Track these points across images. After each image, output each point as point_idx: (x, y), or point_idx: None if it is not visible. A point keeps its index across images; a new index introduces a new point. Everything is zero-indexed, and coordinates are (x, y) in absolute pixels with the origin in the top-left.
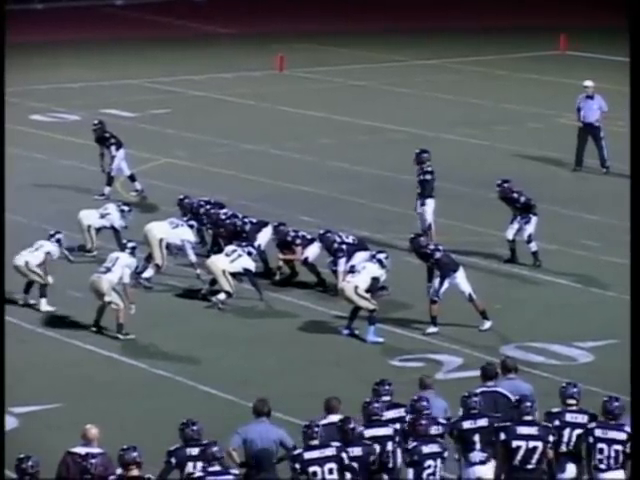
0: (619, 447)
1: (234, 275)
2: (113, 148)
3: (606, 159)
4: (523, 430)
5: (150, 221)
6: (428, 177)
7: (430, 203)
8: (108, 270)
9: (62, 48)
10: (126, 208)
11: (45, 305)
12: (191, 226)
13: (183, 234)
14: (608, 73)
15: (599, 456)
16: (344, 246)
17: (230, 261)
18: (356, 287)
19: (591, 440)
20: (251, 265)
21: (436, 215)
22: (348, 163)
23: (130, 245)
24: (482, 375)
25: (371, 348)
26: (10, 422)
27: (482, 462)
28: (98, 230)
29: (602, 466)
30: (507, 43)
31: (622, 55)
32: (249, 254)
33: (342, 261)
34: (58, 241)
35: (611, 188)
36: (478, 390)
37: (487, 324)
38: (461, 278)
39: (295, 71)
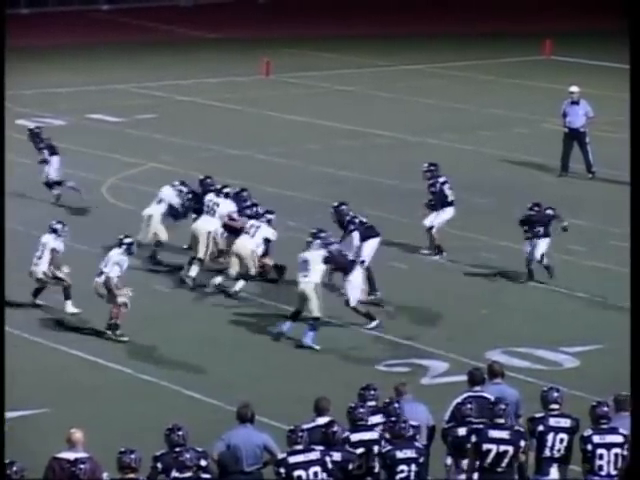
0: (618, 450)
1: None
2: (46, 153)
3: (592, 164)
4: (494, 434)
5: (134, 224)
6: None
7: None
8: (102, 273)
9: (48, 53)
10: (184, 189)
11: (70, 307)
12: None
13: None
14: (593, 78)
15: (599, 462)
16: (356, 220)
17: (251, 236)
18: (316, 285)
19: (590, 447)
20: (270, 233)
21: (421, 220)
22: (333, 168)
23: (127, 241)
24: (469, 380)
25: (357, 353)
26: None
27: (473, 470)
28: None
29: (602, 472)
30: (492, 48)
31: (607, 60)
32: (268, 222)
33: (356, 234)
34: (55, 231)
35: (596, 193)
36: (464, 395)
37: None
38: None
39: (281, 76)
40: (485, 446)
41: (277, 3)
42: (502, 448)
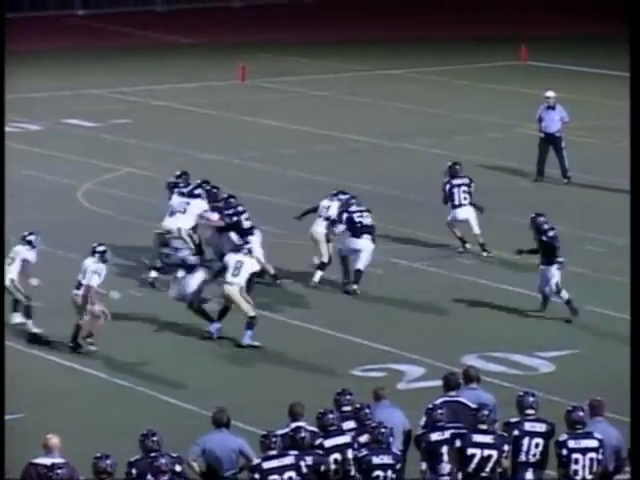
0: (593, 455)
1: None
2: None
3: (567, 169)
4: (478, 438)
5: (111, 231)
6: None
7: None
8: (80, 285)
9: (23, 58)
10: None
11: (18, 317)
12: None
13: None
14: (569, 83)
15: (574, 467)
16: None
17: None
18: (241, 289)
19: (565, 452)
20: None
21: (399, 225)
22: (309, 173)
23: (100, 249)
24: (444, 385)
25: (332, 358)
26: None
27: (449, 474)
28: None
29: (577, 477)
30: (468, 53)
31: (583, 65)
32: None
33: (341, 227)
34: (29, 242)
35: (572, 198)
36: (440, 400)
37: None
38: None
39: (257, 81)
40: (469, 450)
41: (253, 8)
42: (486, 452)
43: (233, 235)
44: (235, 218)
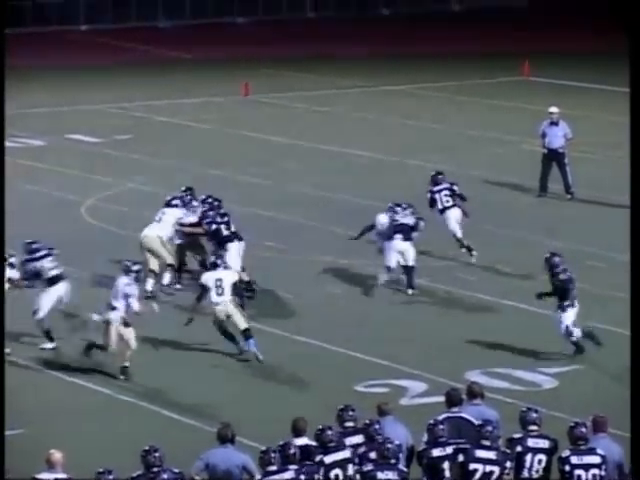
0: (596, 471)
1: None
2: None
3: (570, 185)
4: (481, 454)
5: (114, 246)
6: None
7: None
8: (114, 308)
9: (26, 73)
10: (195, 203)
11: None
12: None
13: None
14: (571, 99)
15: None
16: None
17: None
18: (231, 300)
19: (568, 468)
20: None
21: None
22: (312, 188)
23: (134, 268)
24: (447, 401)
25: (335, 374)
26: None
27: None
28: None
29: None
30: (471, 69)
31: (586, 81)
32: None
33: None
34: (11, 265)
35: (575, 214)
36: (442, 416)
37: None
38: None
39: (260, 96)
40: (472, 466)
41: (256, 24)
42: (488, 468)
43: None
44: (214, 226)
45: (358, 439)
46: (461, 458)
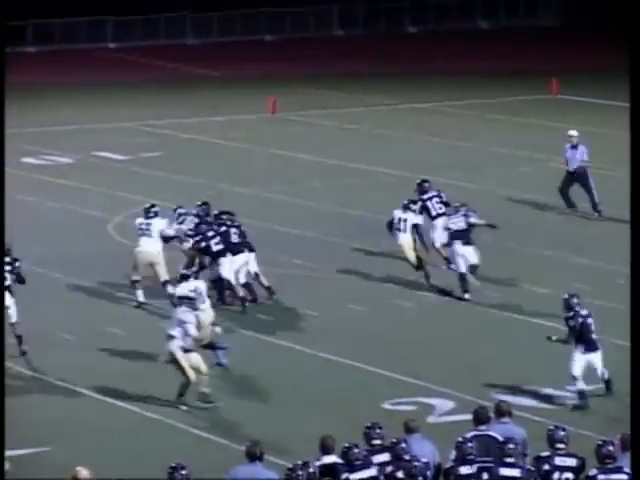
0: None
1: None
2: None
3: (597, 203)
4: (505, 472)
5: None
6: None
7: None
8: (172, 337)
9: (55, 90)
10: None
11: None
12: None
13: None
14: (599, 117)
15: None
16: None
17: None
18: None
19: None
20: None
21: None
22: (339, 206)
23: (191, 295)
24: (474, 419)
25: (363, 391)
26: None
27: None
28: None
29: None
30: (499, 86)
31: (614, 99)
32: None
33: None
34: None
35: (600, 232)
36: (470, 434)
37: None
38: None
39: (288, 114)
40: None
41: (284, 41)
42: None
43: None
44: (203, 243)
45: (385, 457)
46: (485, 477)
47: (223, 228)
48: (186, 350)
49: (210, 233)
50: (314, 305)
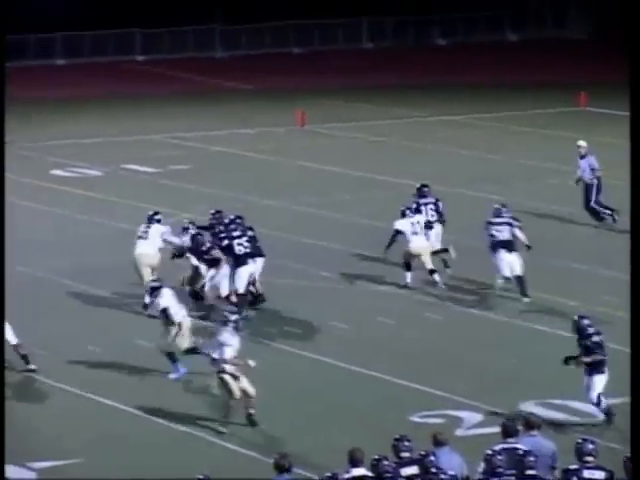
0: None
1: None
2: None
3: (601, 212)
4: None
5: (166, 274)
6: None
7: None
8: (214, 360)
9: (84, 103)
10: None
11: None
12: None
13: None
14: (628, 129)
15: None
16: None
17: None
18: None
19: None
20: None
21: (455, 270)
22: (366, 218)
23: (233, 318)
24: (503, 432)
25: (391, 404)
26: (29, 477)
27: None
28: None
29: None
30: (527, 99)
31: None
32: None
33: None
34: None
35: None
36: (499, 447)
37: None
38: None
39: (316, 126)
40: None
41: (312, 54)
42: None
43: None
44: (227, 242)
45: (413, 470)
46: None
47: (236, 233)
48: (227, 372)
49: (208, 244)
50: (342, 318)
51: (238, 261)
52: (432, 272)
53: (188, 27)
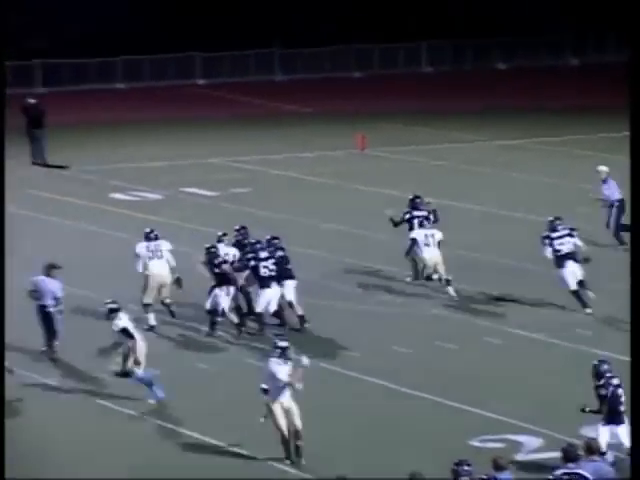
0: None
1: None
2: None
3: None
4: None
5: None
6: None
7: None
8: (265, 391)
9: (144, 126)
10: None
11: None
12: None
13: None
14: None
15: None
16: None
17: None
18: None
19: None
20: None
21: (517, 296)
22: None
23: (281, 344)
24: (563, 456)
25: (450, 428)
26: None
27: None
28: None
29: None
30: (589, 123)
31: None
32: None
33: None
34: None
35: None
36: (560, 471)
37: None
38: None
39: (376, 150)
40: None
41: (372, 78)
42: None
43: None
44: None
45: None
46: None
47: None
48: (284, 407)
49: (262, 255)
50: (403, 342)
51: (262, 283)
52: (448, 282)
53: (248, 51)
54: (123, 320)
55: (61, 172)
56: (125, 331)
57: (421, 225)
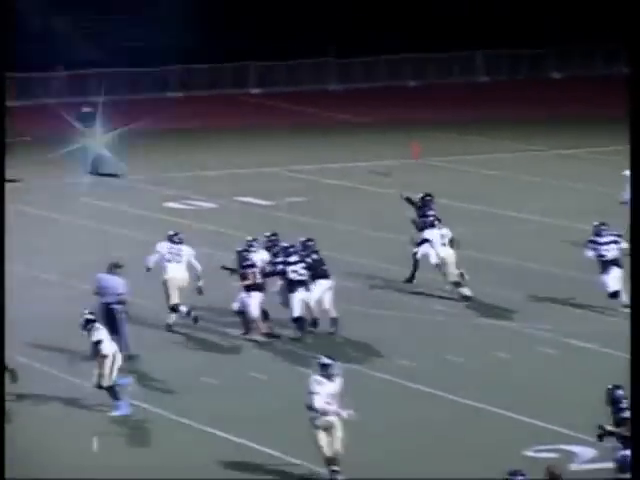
0: None
1: None
2: None
3: None
4: None
5: (273, 311)
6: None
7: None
8: (310, 408)
9: (198, 135)
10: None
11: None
12: None
13: None
14: None
15: None
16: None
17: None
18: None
19: None
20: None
21: (569, 305)
22: (478, 252)
23: (325, 362)
24: (617, 467)
25: (504, 438)
26: None
27: None
28: None
29: None
30: None
31: None
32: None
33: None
34: None
35: None
36: None
37: None
38: None
39: (430, 159)
40: None
41: (426, 87)
42: None
43: None
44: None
45: None
46: None
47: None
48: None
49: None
50: (456, 351)
51: (291, 287)
52: (457, 284)
53: (303, 60)
54: (99, 332)
55: (116, 181)
56: (98, 344)
57: (432, 225)
